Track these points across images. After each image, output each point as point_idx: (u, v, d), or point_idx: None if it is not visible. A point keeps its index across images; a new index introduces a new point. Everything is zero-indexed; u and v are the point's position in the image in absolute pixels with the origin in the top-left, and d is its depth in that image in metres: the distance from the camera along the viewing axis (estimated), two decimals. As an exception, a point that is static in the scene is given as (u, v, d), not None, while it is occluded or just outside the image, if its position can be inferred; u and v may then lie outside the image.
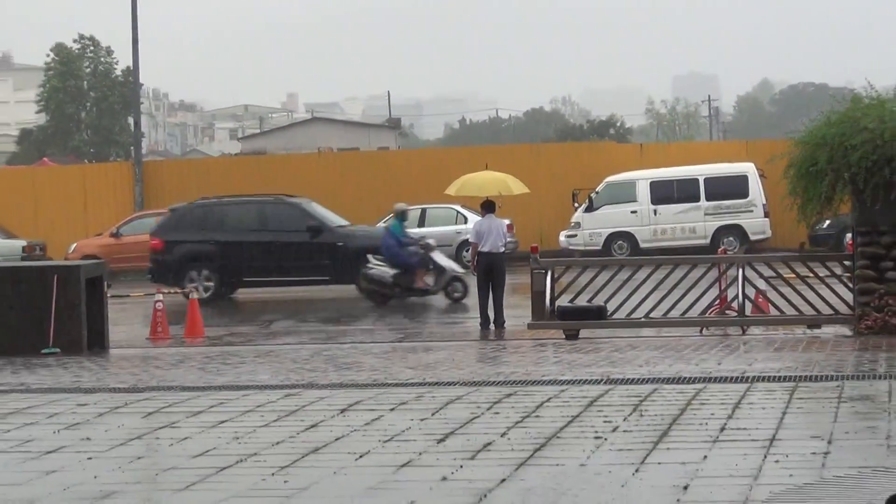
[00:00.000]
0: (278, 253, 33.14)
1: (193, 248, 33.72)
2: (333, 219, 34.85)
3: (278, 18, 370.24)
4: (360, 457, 11.14)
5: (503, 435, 11.93)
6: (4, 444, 12.35)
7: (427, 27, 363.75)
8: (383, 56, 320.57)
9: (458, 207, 43.58)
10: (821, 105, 23.91)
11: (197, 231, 34.13)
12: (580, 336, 21.19)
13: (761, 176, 41.71)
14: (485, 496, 9.50)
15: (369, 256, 30.58)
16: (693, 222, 43.21)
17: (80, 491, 10.14)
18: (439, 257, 30.70)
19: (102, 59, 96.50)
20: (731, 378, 15.26)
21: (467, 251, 33.59)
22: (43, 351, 20.71)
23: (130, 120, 64.48)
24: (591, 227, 43.62)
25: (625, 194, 44.04)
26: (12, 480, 10.66)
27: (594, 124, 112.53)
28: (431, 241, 31.14)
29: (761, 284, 22.30)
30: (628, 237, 43.44)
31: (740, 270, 21.95)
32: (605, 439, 11.58)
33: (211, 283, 33.27)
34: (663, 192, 43.80)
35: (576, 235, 43.75)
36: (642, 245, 42.86)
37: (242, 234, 33.93)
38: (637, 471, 10.23)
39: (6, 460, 11.56)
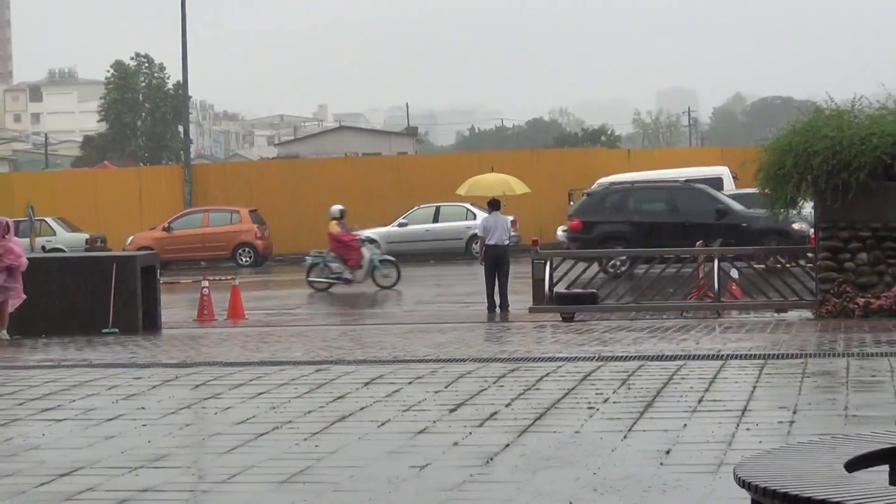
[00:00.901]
0: (687, 233, 30.99)
1: (610, 228, 32.65)
2: (735, 203, 33.83)
3: (310, 39, 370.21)
4: (382, 424, 11.15)
5: (507, 405, 11.93)
6: (70, 413, 12.38)
7: (441, 47, 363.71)
8: (402, 72, 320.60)
9: (468, 205, 43.55)
10: (787, 116, 23.87)
11: (613, 212, 33.09)
12: (575, 319, 21.18)
13: (735, 178, 41.58)
14: (491, 459, 9.51)
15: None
16: (674, 219, 43.09)
17: (136, 454, 10.16)
18: None
19: (156, 74, 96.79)
20: (708, 356, 15.25)
21: (476, 244, 33.57)
22: (103, 331, 20.76)
23: (180, 128, 64.58)
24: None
25: (615, 194, 43.93)
26: (77, 444, 10.69)
27: (588, 132, 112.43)
28: None
29: (734, 273, 22.30)
30: (618, 232, 43.33)
31: (716, 261, 21.95)
32: (597, 409, 11.58)
33: (625, 260, 32.35)
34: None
35: (571, 230, 43.67)
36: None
37: (654, 215, 32.87)
38: (625, 437, 10.23)
39: (72, 427, 11.59)
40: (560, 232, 43.70)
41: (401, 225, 44.62)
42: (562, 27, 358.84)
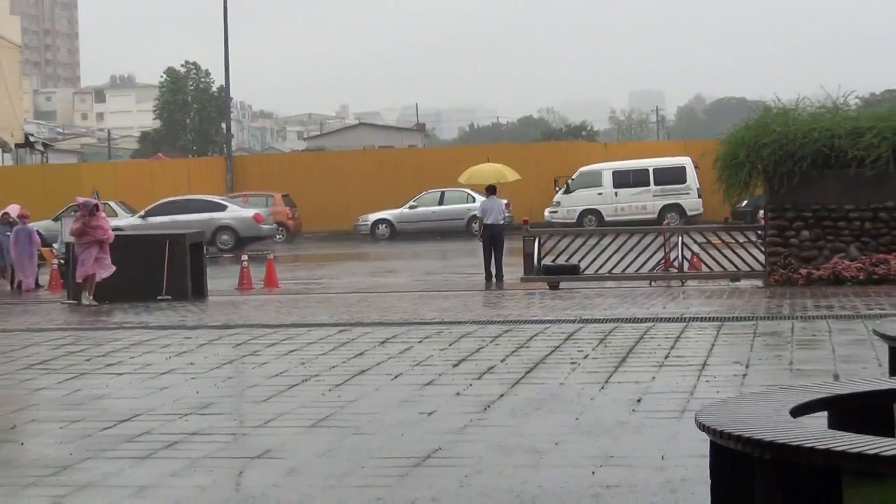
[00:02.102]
0: None
1: None
2: None
3: (334, 48, 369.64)
4: (395, 377, 11.15)
5: (502, 361, 11.93)
6: (129, 368, 12.39)
7: (445, 55, 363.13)
8: (413, 76, 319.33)
9: (468, 190, 43.54)
10: (741, 114, 23.83)
11: None
12: (560, 287, 21.16)
13: (696, 167, 41.60)
14: (488, 406, 9.51)
15: None
16: (644, 202, 43.10)
17: (186, 402, 10.17)
18: None
19: (203, 79, 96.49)
20: (673, 318, 15.25)
21: (475, 223, 33.52)
22: (158, 298, 20.77)
23: (223, 125, 64.38)
24: (568, 206, 43.54)
25: (593, 181, 43.93)
26: (136, 395, 10.71)
27: (570, 128, 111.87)
28: None
29: (695, 248, 22.29)
30: (596, 213, 43.33)
31: (680, 238, 21.95)
32: (579, 364, 11.58)
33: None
34: (622, 179, 43.69)
35: (557, 211, 43.68)
36: (606, 218, 42.78)
37: None
38: (602, 388, 10.23)
39: (131, 379, 11.60)
40: (547, 213, 43.75)
41: (411, 207, 44.65)
42: (549, 37, 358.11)
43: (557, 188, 44.46)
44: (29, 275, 25.28)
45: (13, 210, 26.65)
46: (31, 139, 66.16)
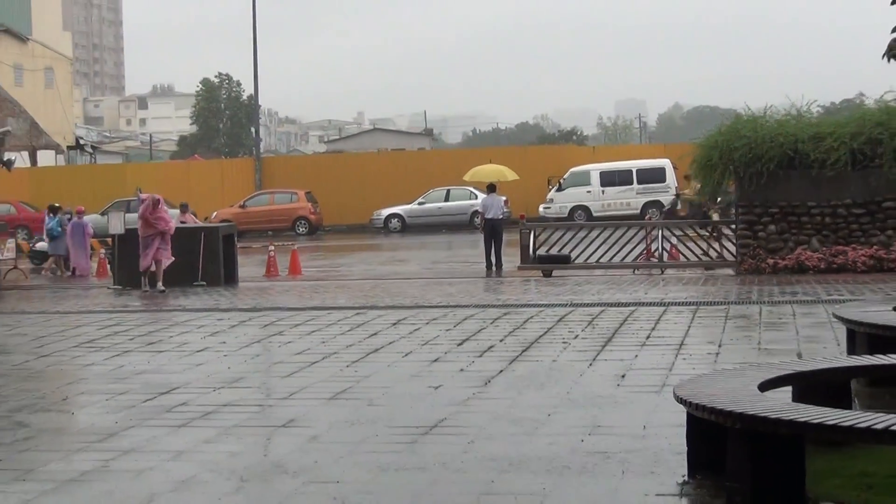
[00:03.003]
0: None
1: None
2: None
3: (351, 60, 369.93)
4: (406, 355, 11.15)
5: (501, 341, 11.93)
6: (169, 346, 12.41)
7: (450, 67, 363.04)
8: (421, 86, 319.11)
9: (471, 188, 43.49)
10: (715, 120, 23.80)
11: None
12: (553, 275, 21.14)
13: (675, 168, 41.50)
14: (489, 381, 9.51)
15: None
16: (628, 199, 42.98)
17: (219, 377, 10.18)
18: None
19: (234, 88, 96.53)
20: (654, 303, 15.24)
21: (477, 218, 33.49)
22: (194, 283, 20.77)
23: (252, 130, 64.41)
24: (561, 202, 43.44)
25: (583, 180, 43.80)
26: (174, 370, 10.72)
27: (562, 133, 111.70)
28: None
29: (674, 240, 22.26)
30: (585, 209, 43.23)
31: (660, 231, 21.92)
32: (569, 344, 11.57)
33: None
34: (608, 179, 43.55)
35: (550, 207, 43.59)
36: (594, 214, 42.65)
37: None
38: (590, 365, 10.22)
39: (170, 356, 11.61)
40: (541, 209, 43.69)
41: (420, 203, 44.60)
42: (543, 52, 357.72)
43: (551, 186, 44.38)
44: (83, 263, 25.93)
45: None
46: (81, 142, 66.13)
